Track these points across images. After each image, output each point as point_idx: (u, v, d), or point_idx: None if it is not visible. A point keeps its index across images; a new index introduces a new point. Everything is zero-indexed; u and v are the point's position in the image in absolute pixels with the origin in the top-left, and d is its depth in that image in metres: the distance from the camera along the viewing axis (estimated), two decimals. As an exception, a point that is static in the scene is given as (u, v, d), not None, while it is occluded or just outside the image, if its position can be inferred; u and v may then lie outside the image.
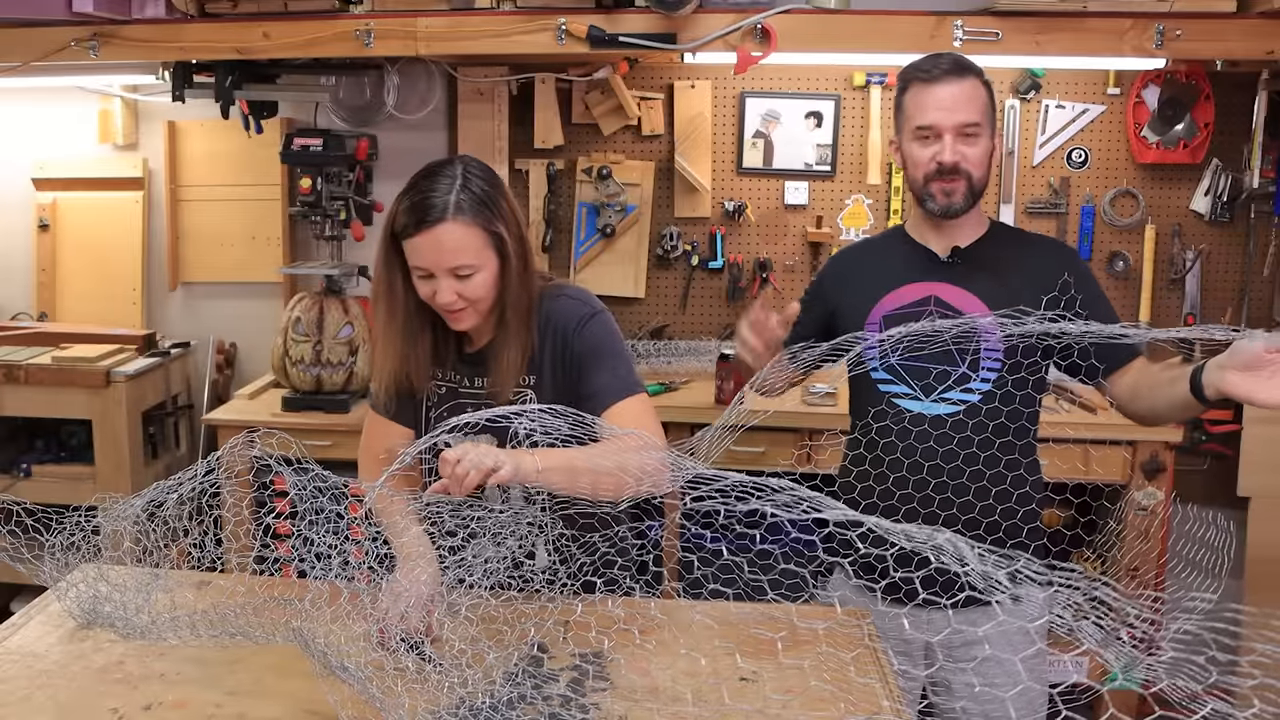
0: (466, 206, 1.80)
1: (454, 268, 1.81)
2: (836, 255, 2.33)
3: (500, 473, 1.59)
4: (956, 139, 2.03)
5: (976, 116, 2.03)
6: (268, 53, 3.08)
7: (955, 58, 2.09)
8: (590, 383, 1.90)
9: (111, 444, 3.42)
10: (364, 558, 1.63)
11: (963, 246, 2.12)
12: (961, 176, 2.05)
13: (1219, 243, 3.53)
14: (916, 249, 2.16)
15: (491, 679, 1.55)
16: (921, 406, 2.05)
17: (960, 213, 2.08)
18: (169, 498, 1.76)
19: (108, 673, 1.64)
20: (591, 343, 1.92)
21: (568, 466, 1.68)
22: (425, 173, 1.85)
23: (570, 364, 1.92)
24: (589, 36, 2.93)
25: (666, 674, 1.64)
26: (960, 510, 1.99)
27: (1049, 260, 2.12)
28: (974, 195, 2.08)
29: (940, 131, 2.04)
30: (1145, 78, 3.42)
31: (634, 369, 1.95)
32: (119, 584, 1.81)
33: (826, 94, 3.56)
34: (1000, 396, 2.03)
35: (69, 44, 3.07)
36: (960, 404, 2.04)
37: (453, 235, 1.79)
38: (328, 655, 1.48)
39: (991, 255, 2.12)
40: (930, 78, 2.05)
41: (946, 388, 2.04)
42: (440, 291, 1.82)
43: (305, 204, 3.34)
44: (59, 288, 3.93)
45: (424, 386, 1.98)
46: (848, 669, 1.65)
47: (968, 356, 2.03)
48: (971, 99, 2.03)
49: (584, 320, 1.93)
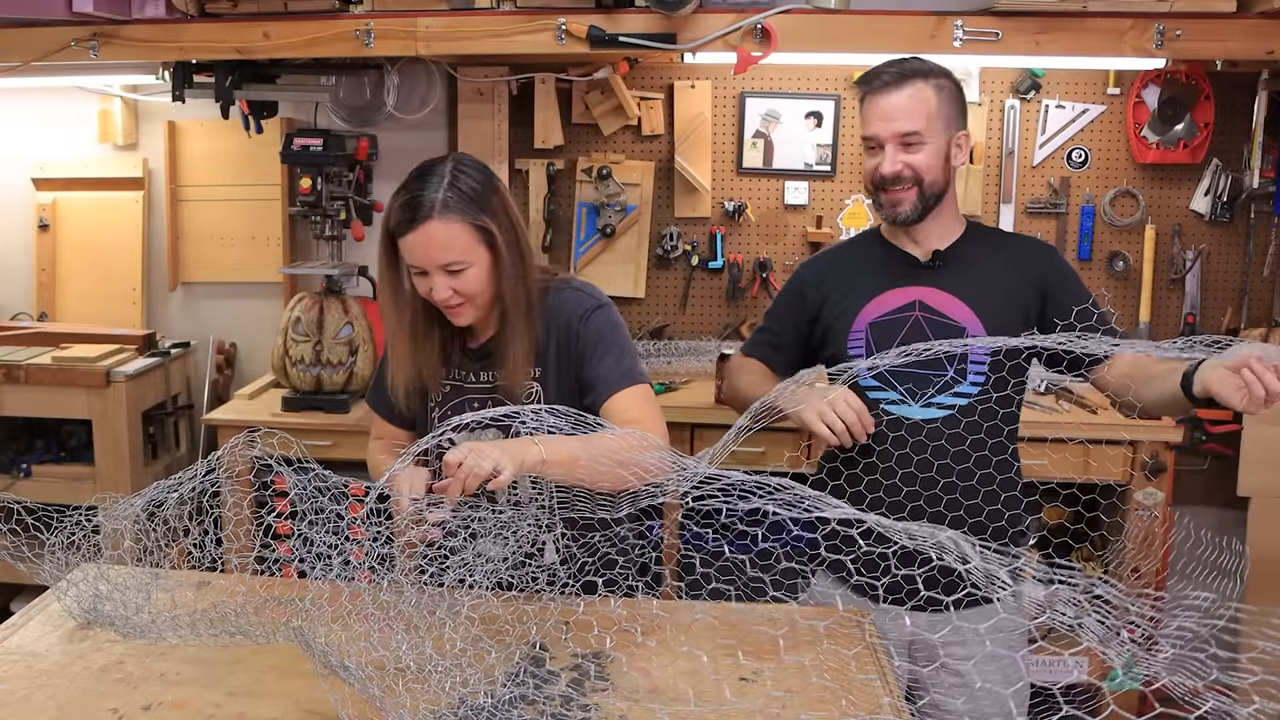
0: (453, 203, 1.82)
1: (445, 264, 1.83)
2: (811, 261, 2.31)
3: (500, 478, 1.60)
4: (898, 149, 2.03)
5: (917, 125, 2.01)
6: (268, 53, 3.08)
7: (901, 64, 2.06)
8: (593, 371, 1.92)
9: (111, 444, 3.42)
10: (364, 558, 1.63)
11: (942, 249, 2.12)
12: (908, 184, 2.04)
13: (1219, 243, 3.53)
14: (895, 253, 2.15)
15: (493, 678, 1.55)
16: (909, 411, 2.04)
17: (910, 221, 2.08)
18: (169, 497, 1.76)
19: (107, 673, 1.64)
20: (595, 333, 1.94)
21: (567, 458, 1.68)
22: (417, 172, 1.88)
23: (575, 355, 1.94)
24: (589, 36, 2.93)
25: (667, 673, 1.64)
26: (946, 509, 1.99)
27: (1028, 258, 2.12)
28: (926, 201, 2.06)
29: (881, 142, 2.05)
30: (1145, 78, 3.42)
31: (638, 360, 1.97)
32: (119, 583, 1.81)
33: (826, 94, 3.57)
34: (985, 400, 2.04)
35: (69, 44, 3.07)
36: (948, 408, 2.04)
37: (440, 232, 1.81)
38: (328, 654, 1.48)
39: (971, 256, 2.12)
40: (871, 89, 2.06)
41: (934, 393, 2.04)
42: (435, 288, 1.84)
43: (305, 204, 3.34)
44: (59, 288, 3.93)
45: (437, 384, 2.00)
46: (849, 667, 1.65)
47: (954, 362, 2.03)
48: (912, 107, 2.01)
49: (589, 312, 1.95)
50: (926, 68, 2.06)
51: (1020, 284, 2.09)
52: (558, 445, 1.70)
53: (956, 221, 2.15)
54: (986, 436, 2.03)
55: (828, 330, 2.15)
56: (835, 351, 2.13)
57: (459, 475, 1.60)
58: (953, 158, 2.08)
